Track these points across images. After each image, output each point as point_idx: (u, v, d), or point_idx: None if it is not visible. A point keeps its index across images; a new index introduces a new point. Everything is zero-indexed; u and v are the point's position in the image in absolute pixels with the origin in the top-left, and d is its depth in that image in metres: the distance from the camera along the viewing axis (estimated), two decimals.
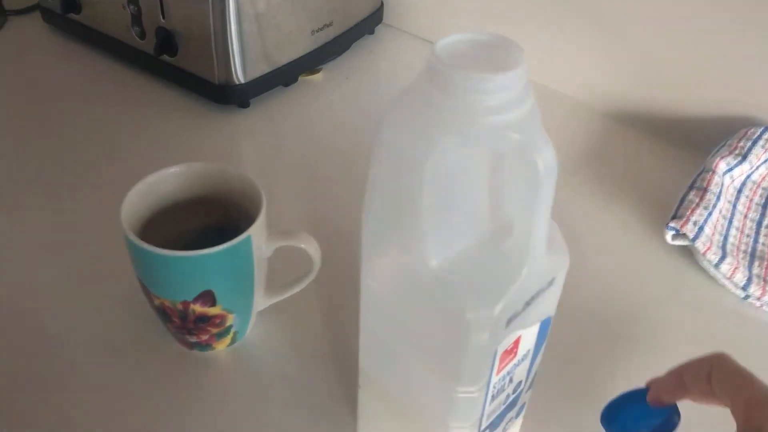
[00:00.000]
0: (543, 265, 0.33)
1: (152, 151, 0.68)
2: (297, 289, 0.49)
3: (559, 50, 0.76)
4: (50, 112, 0.72)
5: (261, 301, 0.48)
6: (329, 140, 0.70)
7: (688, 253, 0.58)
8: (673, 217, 0.56)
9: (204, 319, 0.46)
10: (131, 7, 0.72)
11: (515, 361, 0.36)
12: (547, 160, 0.29)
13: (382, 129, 0.31)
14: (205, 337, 0.47)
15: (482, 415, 0.36)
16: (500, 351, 0.33)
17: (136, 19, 0.72)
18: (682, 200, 0.58)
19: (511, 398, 0.39)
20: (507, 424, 0.41)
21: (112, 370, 0.48)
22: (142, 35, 0.73)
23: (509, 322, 0.32)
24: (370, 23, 0.84)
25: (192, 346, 0.49)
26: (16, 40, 0.83)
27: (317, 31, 0.76)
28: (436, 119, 0.29)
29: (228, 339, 0.49)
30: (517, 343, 0.35)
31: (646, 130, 0.73)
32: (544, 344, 0.39)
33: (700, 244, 0.54)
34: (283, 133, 0.71)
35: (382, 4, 0.85)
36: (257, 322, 0.50)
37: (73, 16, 0.79)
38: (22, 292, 0.53)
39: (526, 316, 0.33)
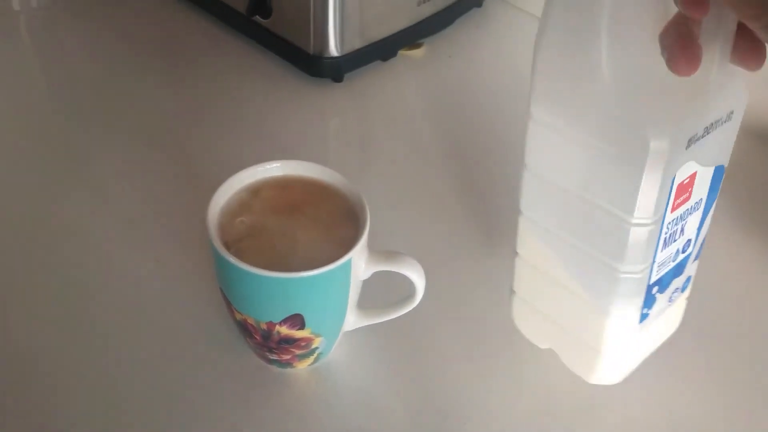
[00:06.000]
0: (723, 93, 0.33)
1: (235, 117, 0.62)
2: (393, 316, 0.43)
3: None
4: (130, 66, 0.67)
5: (351, 323, 0.43)
6: (427, 122, 0.64)
7: None
8: None
9: (289, 341, 0.41)
10: None
11: (689, 205, 0.36)
12: None
13: None
14: (286, 357, 0.43)
15: (654, 260, 0.36)
16: (677, 181, 0.34)
17: None
18: None
19: (680, 258, 0.39)
20: (673, 294, 0.41)
21: (180, 378, 0.44)
22: None
23: (689, 143, 0.33)
24: None
25: (270, 362, 0.44)
26: None
27: (423, 2, 0.68)
28: None
29: (310, 360, 0.44)
30: (692, 180, 0.35)
31: None
32: (713, 208, 0.39)
33: None
34: (377, 113, 0.65)
35: None
36: (341, 340, 0.45)
37: None
38: (84, 268, 0.49)
39: (704, 146, 0.34)
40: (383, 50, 0.69)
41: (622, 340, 0.40)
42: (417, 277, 0.41)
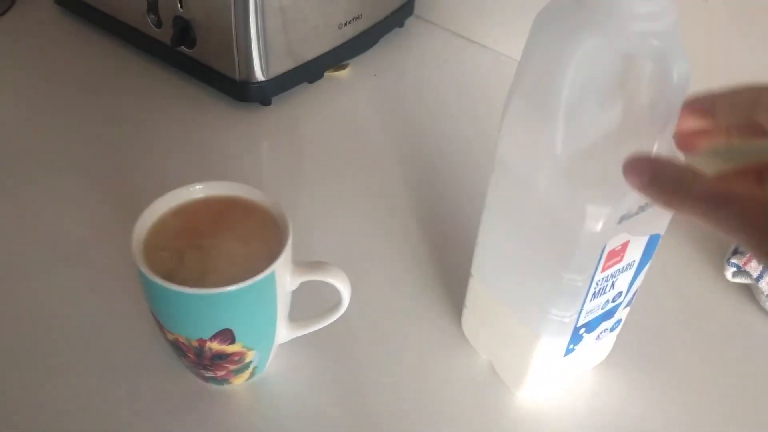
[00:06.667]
0: None
1: (165, 148, 0.63)
2: (323, 325, 0.45)
3: None
4: (57, 101, 0.68)
5: (283, 335, 0.44)
6: (356, 141, 0.66)
7: (748, 291, 0.53)
8: (735, 253, 0.51)
9: (222, 357, 0.42)
10: None
11: (620, 266, 0.39)
12: (681, 70, 0.31)
13: (535, 25, 0.34)
14: (221, 373, 0.44)
15: (581, 308, 0.40)
16: (608, 248, 0.37)
17: (152, 6, 0.68)
18: None
19: (609, 306, 0.42)
20: (601, 333, 0.44)
21: (118, 403, 0.44)
22: (159, 24, 0.68)
23: (621, 220, 0.35)
24: (400, 15, 0.79)
25: (207, 380, 0.45)
26: (26, 22, 0.78)
27: (345, 25, 0.71)
28: (587, 20, 0.31)
29: (246, 374, 0.45)
30: (624, 247, 0.38)
31: None
32: (647, 265, 0.41)
33: (764, 284, 0.50)
34: (307, 134, 0.67)
35: None
36: (277, 353, 0.46)
37: None
38: (20, 301, 0.49)
39: (638, 221, 0.36)
40: (309, 72, 0.70)
41: (547, 366, 0.43)
42: (342, 284, 0.42)
